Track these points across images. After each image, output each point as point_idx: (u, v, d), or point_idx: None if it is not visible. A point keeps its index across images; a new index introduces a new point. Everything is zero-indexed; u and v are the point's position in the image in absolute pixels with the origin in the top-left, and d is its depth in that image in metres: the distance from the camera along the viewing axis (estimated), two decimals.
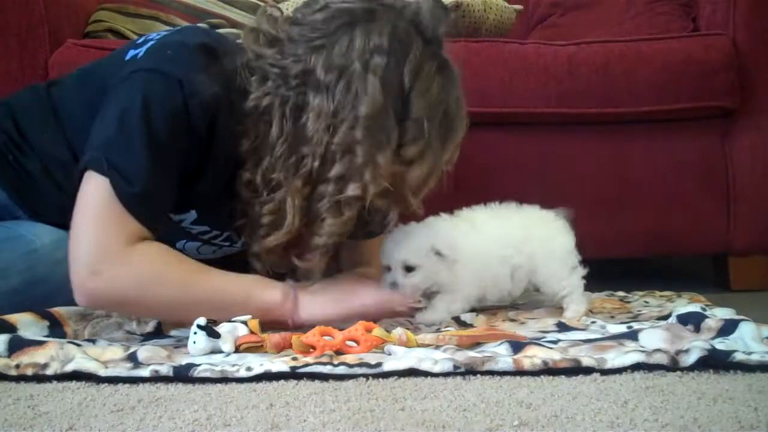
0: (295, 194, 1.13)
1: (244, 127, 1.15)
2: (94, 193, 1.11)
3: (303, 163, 1.12)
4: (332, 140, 1.11)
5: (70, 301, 1.22)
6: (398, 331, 1.10)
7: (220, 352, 1.07)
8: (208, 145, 1.16)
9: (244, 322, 1.10)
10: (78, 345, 1.07)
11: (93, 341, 1.13)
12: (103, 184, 1.10)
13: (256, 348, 1.08)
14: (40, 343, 1.05)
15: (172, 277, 1.14)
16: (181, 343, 1.14)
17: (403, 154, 1.13)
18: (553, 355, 1.01)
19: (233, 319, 1.11)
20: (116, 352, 1.05)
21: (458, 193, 1.66)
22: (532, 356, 1.01)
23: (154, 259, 1.13)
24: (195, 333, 1.07)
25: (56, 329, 1.17)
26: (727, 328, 1.11)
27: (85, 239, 1.11)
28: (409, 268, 1.26)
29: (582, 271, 1.35)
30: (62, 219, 1.18)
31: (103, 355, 1.03)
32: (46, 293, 1.23)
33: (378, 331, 1.09)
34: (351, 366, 0.99)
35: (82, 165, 1.13)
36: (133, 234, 1.11)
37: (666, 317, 1.26)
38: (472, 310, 1.33)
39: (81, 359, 0.99)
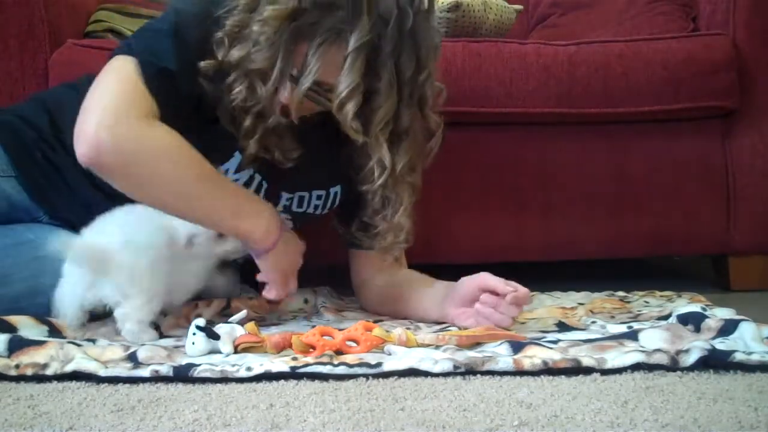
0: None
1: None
2: (122, 64, 1.15)
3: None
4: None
5: None
6: (398, 331, 1.10)
7: (219, 353, 1.07)
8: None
9: (241, 323, 1.10)
10: (78, 345, 1.07)
11: (93, 341, 1.13)
12: (130, 60, 1.14)
13: (255, 348, 1.08)
14: (40, 343, 1.05)
15: (185, 159, 1.13)
16: (180, 343, 1.14)
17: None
18: (553, 355, 1.01)
19: (230, 321, 1.11)
20: (116, 352, 1.05)
21: (458, 193, 1.67)
22: (532, 356, 1.01)
23: (174, 136, 1.13)
24: (194, 334, 1.07)
25: (55, 333, 1.16)
26: (727, 328, 1.11)
27: (106, 93, 1.12)
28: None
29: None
30: (85, 218, 1.20)
31: (103, 355, 1.03)
32: (51, 303, 1.23)
33: (378, 331, 1.09)
34: (351, 366, 0.99)
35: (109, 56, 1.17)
36: (151, 111, 1.12)
37: (666, 317, 1.26)
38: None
39: (81, 359, 0.99)
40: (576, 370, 0.98)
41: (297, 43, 1.12)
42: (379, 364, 0.99)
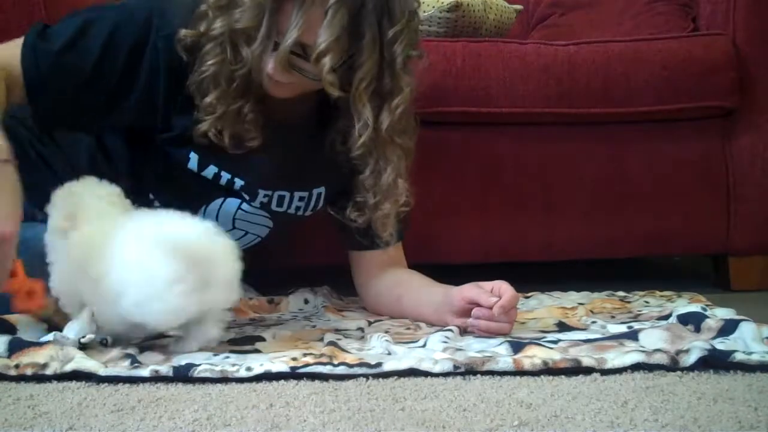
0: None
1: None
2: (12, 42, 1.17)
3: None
4: None
5: None
6: None
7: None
8: (177, 81, 1.18)
9: None
10: None
11: None
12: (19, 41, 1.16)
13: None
14: (39, 344, 1.05)
15: None
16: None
17: None
18: (553, 355, 1.01)
19: None
20: (115, 352, 1.05)
21: (458, 192, 1.67)
22: (532, 356, 1.01)
23: None
24: None
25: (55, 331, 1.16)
26: (727, 328, 1.11)
27: None
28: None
29: None
30: None
31: (102, 356, 1.03)
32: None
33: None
34: (351, 366, 0.99)
35: None
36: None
37: (666, 317, 1.26)
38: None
39: (81, 359, 0.99)
40: (576, 370, 0.98)
41: (281, 3, 1.11)
42: (379, 364, 0.99)
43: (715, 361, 0.99)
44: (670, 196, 1.70)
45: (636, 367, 0.99)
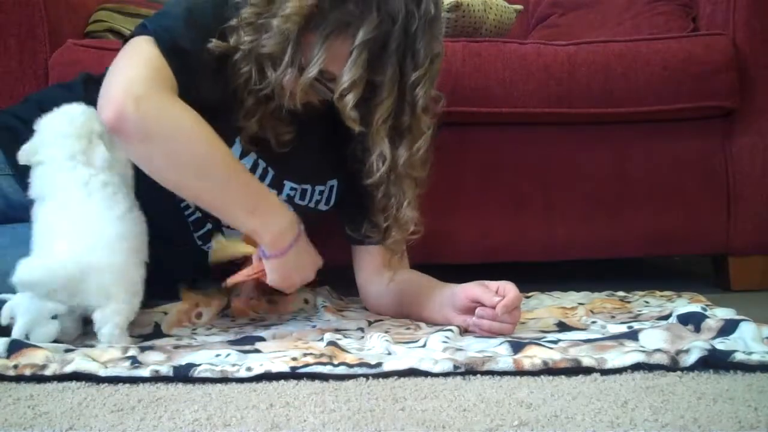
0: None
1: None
2: (140, 42, 1.15)
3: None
4: None
5: None
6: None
7: None
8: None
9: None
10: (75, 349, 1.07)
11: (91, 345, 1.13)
12: (147, 38, 1.14)
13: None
14: (37, 345, 1.05)
15: (210, 142, 1.12)
16: (181, 342, 1.14)
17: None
18: (553, 355, 1.01)
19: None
20: (115, 352, 1.05)
21: (458, 192, 1.67)
22: (532, 356, 1.01)
23: (199, 117, 1.12)
24: None
25: None
26: (728, 328, 1.11)
27: (130, 70, 1.12)
28: None
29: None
30: None
31: (102, 356, 1.03)
32: None
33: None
34: (351, 366, 0.99)
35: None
36: (172, 86, 1.13)
37: (666, 317, 1.26)
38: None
39: (80, 360, 0.99)
40: (576, 370, 0.98)
41: (306, 33, 1.15)
42: (379, 364, 0.99)
43: (715, 361, 0.99)
44: (670, 196, 1.70)
45: (636, 367, 0.98)
